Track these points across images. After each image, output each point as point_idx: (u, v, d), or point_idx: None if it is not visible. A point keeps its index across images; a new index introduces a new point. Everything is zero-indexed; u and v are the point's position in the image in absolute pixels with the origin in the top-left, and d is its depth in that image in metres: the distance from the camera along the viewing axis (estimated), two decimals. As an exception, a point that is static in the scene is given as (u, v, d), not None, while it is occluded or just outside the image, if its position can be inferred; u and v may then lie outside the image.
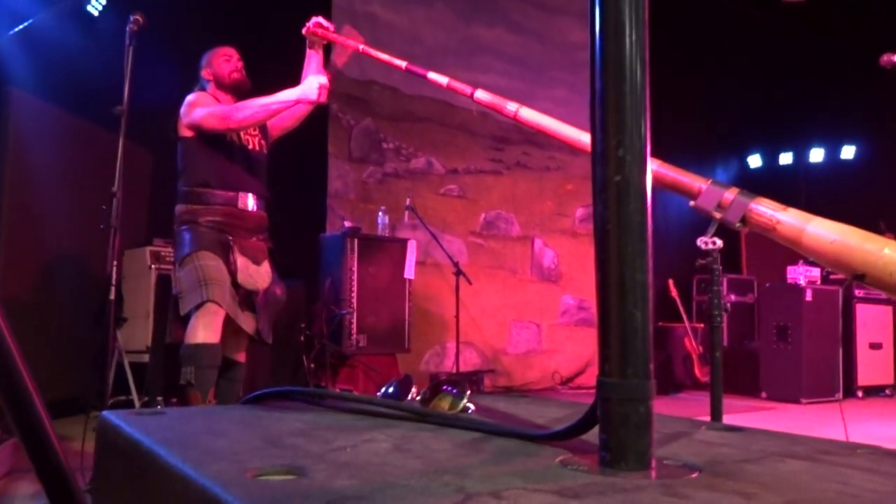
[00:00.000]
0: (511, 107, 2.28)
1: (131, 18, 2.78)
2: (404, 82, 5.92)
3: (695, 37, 7.21)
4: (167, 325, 3.91)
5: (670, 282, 6.54)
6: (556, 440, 0.73)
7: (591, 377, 6.69)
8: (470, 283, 5.06)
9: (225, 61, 3.14)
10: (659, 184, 1.99)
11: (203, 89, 3.15)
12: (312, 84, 2.91)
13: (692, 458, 0.72)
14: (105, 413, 0.92)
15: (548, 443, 0.74)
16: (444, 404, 1.00)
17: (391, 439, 0.76)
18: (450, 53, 6.15)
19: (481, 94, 2.36)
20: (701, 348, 6.49)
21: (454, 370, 5.32)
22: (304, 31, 3.01)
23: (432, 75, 2.48)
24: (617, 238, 0.65)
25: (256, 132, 3.17)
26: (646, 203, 0.66)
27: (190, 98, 3.04)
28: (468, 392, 0.98)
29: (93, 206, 3.02)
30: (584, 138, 2.28)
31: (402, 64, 2.60)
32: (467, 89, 2.39)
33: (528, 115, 2.16)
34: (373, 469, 0.62)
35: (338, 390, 1.04)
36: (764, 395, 5.98)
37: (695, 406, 4.96)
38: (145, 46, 3.11)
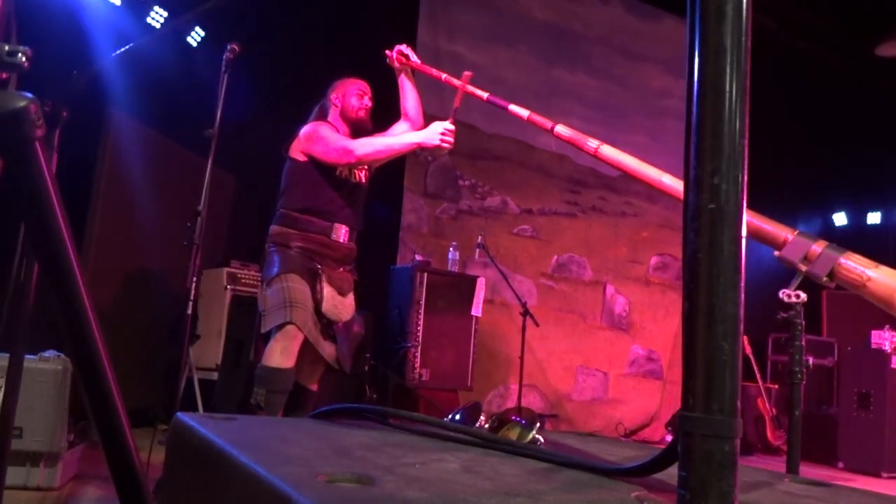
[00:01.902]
0: (592, 143, 2.26)
1: (228, 47, 2.89)
2: (483, 121, 5.98)
3: (778, 86, 7.06)
4: (253, 343, 4.00)
5: (744, 339, 6.31)
6: (631, 476, 0.70)
7: (656, 431, 6.47)
8: (537, 325, 4.99)
9: (357, 96, 3.19)
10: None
11: (325, 112, 3.21)
12: (436, 129, 2.93)
13: (777, 507, 0.68)
14: (179, 414, 0.93)
15: (622, 478, 0.71)
16: (513, 434, 0.98)
17: (459, 461, 0.75)
18: (531, 95, 6.19)
19: (562, 129, 2.35)
20: (774, 410, 6.21)
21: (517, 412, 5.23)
22: (387, 56, 3.07)
23: (513, 107, 2.49)
24: (708, 267, 0.62)
25: (364, 165, 3.23)
26: (739, 234, 0.63)
27: (315, 129, 3.07)
28: (537, 424, 0.96)
29: (177, 225, 3.14)
30: (664, 179, 2.24)
31: (484, 95, 2.63)
32: (548, 123, 2.38)
33: (609, 152, 2.14)
34: (443, 485, 0.61)
35: (411, 413, 1.04)
36: (841, 465, 5.66)
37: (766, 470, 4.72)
38: (236, 73, 3.25)
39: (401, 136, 3.05)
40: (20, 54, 0.79)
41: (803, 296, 2.00)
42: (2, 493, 1.53)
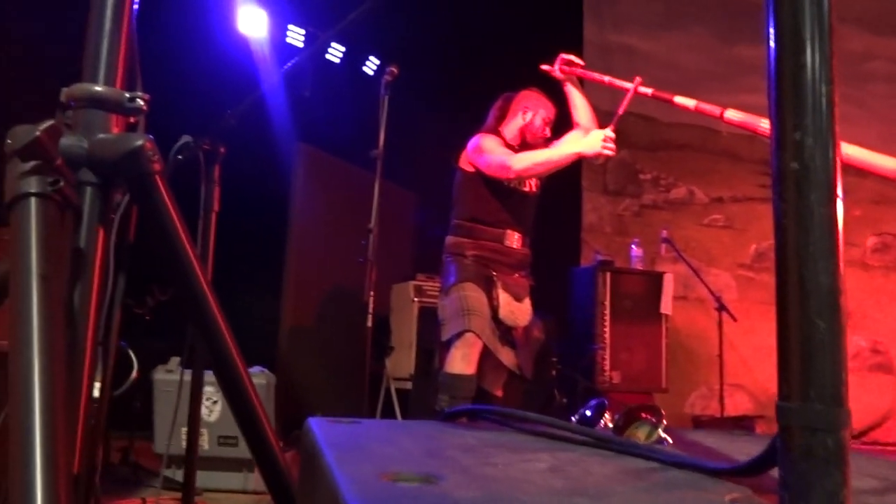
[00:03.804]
0: (765, 124, 2.08)
1: (387, 70, 3.02)
2: (660, 111, 5.72)
3: None
4: (430, 352, 4.15)
5: None
6: (736, 475, 0.63)
7: (890, 432, 5.78)
8: (734, 320, 4.67)
9: (543, 122, 3.21)
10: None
11: (503, 117, 3.25)
12: (597, 137, 2.88)
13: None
14: (309, 419, 0.98)
15: (729, 478, 0.64)
16: (641, 433, 0.92)
17: (556, 461, 0.72)
18: (710, 77, 5.83)
19: (732, 114, 2.19)
20: None
21: (720, 414, 4.92)
22: (549, 70, 3.02)
23: (679, 99, 2.37)
24: (795, 234, 0.55)
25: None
26: (833, 194, 0.55)
27: (480, 141, 3.13)
28: (663, 423, 0.89)
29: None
30: (870, 157, 1.99)
31: (649, 91, 2.52)
32: (716, 110, 2.24)
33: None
34: (509, 483, 0.58)
35: (526, 413, 1.01)
36: None
37: None
38: (405, 91, 3.38)
39: (560, 148, 3.00)
40: (139, 100, 0.88)
41: None
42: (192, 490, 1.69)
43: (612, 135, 2.84)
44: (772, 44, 0.58)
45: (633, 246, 4.97)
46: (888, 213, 6.12)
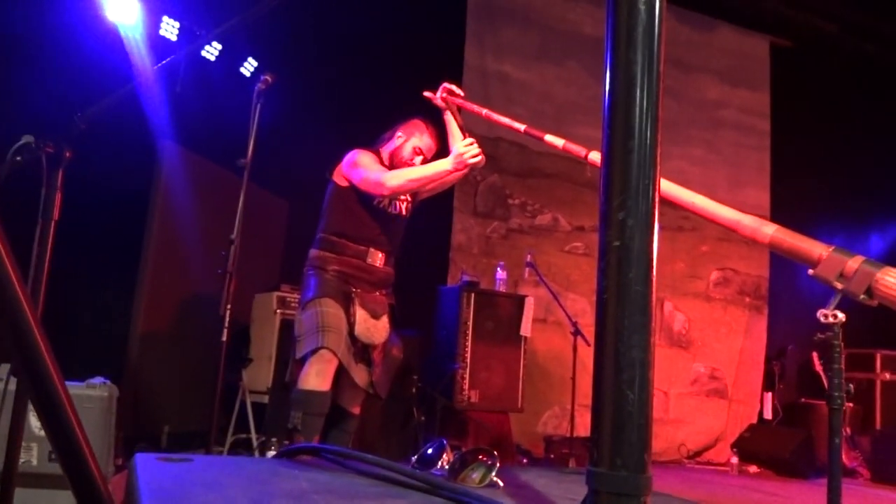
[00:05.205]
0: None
1: (261, 78, 2.95)
2: (532, 140, 5.92)
3: (845, 98, 6.77)
4: (288, 364, 4.06)
5: (814, 355, 6.02)
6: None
7: (721, 453, 6.23)
8: (588, 344, 4.88)
9: (414, 151, 3.22)
10: (777, 250, 1.85)
11: (380, 144, 3.26)
12: (460, 153, 2.88)
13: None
14: (137, 455, 0.93)
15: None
16: (477, 474, 0.94)
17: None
18: (580, 111, 6.11)
19: (595, 156, 2.31)
20: (849, 430, 5.89)
21: (569, 434, 5.12)
22: (430, 97, 3.05)
23: (549, 138, 2.46)
24: (614, 309, 0.58)
25: (406, 196, 3.23)
26: (650, 272, 0.59)
27: (356, 156, 3.11)
28: (497, 466, 0.92)
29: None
30: (696, 201, 2.14)
31: (521, 127, 2.60)
32: (582, 151, 2.34)
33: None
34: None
35: (363, 454, 1.01)
36: (924, 489, 5.31)
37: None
38: (279, 99, 3.31)
39: (432, 165, 3.03)
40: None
41: (841, 316, 1.89)
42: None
43: (471, 140, 2.88)
44: (605, 127, 0.62)
45: (498, 268, 5.10)
46: (731, 250, 6.63)
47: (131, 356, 4.20)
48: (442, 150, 3.33)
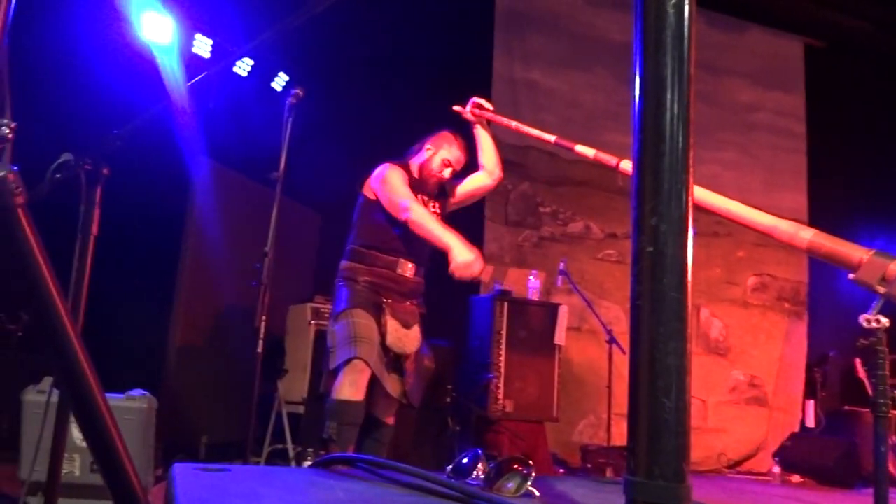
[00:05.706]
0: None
1: (292, 92, 2.99)
2: (562, 149, 5.91)
3: (882, 98, 6.63)
4: (322, 376, 4.08)
5: (857, 361, 5.89)
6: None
7: (762, 462, 6.11)
8: (623, 353, 4.83)
9: (442, 163, 3.22)
10: (815, 255, 1.81)
11: (410, 156, 3.28)
12: (468, 260, 2.78)
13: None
14: (174, 465, 0.94)
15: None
16: (512, 483, 0.94)
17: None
18: (609, 117, 6.08)
19: (627, 165, 2.29)
20: (895, 438, 5.73)
21: (606, 443, 5.07)
22: (460, 111, 3.07)
23: (580, 148, 2.45)
24: (648, 315, 0.58)
25: (436, 204, 3.24)
26: (685, 278, 0.58)
27: (386, 172, 3.11)
28: (532, 475, 0.91)
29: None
30: (731, 207, 2.11)
31: (552, 138, 2.60)
32: (613, 160, 2.33)
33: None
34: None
35: (399, 464, 1.00)
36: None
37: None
38: (328, 116, 3.34)
39: (444, 233, 2.88)
40: (4, 128, 0.84)
41: (885, 321, 1.84)
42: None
43: (478, 260, 2.79)
44: (635, 133, 0.62)
45: (531, 277, 5.08)
46: (767, 255, 6.52)
47: (169, 368, 4.27)
48: (471, 163, 3.34)
